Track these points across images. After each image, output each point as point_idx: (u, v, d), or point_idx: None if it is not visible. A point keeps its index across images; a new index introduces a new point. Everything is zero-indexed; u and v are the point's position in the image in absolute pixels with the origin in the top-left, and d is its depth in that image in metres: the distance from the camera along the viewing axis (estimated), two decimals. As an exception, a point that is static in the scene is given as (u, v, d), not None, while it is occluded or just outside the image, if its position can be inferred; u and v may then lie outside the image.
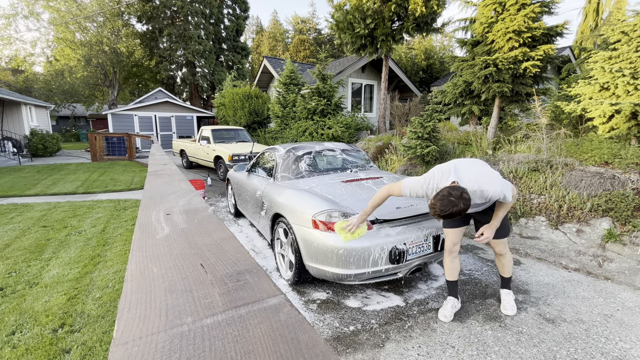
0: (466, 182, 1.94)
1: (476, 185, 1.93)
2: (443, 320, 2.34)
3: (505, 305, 2.44)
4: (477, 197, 1.98)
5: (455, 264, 2.41)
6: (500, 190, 1.93)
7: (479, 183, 1.93)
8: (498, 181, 1.95)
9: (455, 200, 1.74)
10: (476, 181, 1.94)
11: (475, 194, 1.95)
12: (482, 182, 1.94)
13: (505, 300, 2.48)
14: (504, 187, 1.95)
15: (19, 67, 21.47)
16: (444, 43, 23.85)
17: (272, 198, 3.23)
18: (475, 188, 1.93)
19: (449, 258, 2.41)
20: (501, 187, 1.94)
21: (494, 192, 1.93)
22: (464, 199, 1.74)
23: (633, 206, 3.51)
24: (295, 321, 0.53)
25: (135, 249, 0.86)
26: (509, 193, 1.97)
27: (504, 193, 1.95)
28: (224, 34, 24.08)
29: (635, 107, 3.90)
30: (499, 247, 2.39)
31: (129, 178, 8.37)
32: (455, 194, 1.75)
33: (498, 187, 1.93)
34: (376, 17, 8.31)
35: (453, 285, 2.45)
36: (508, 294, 2.51)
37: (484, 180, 1.94)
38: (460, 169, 2.01)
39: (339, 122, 9.22)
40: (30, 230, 4.25)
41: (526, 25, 5.10)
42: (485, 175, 1.98)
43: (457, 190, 1.76)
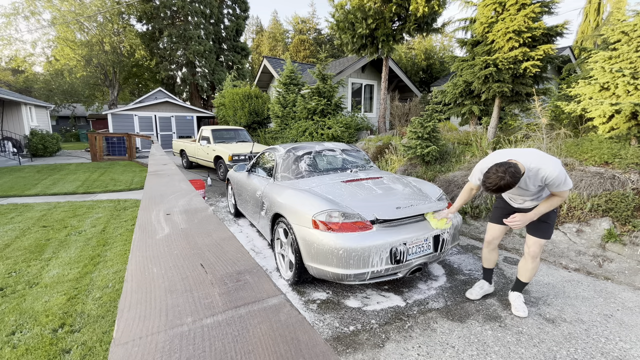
0: (524, 160, 1.95)
1: (534, 163, 1.93)
2: (468, 297, 2.57)
3: (518, 308, 2.42)
4: (534, 177, 1.96)
5: (492, 255, 2.55)
6: (558, 172, 1.90)
7: (538, 163, 1.93)
8: (558, 165, 1.94)
9: (501, 174, 1.80)
10: (534, 159, 1.94)
11: (532, 171, 1.94)
12: (541, 162, 1.93)
13: (516, 303, 2.45)
14: (564, 173, 1.93)
15: (19, 67, 21.48)
16: (444, 43, 23.85)
17: (272, 198, 3.23)
18: (533, 165, 1.93)
19: (486, 249, 2.57)
20: (560, 172, 1.91)
21: (552, 172, 1.91)
22: (509, 173, 1.79)
23: (633, 206, 3.51)
24: (295, 321, 0.53)
25: (135, 249, 0.86)
26: (568, 181, 1.95)
27: (562, 178, 1.92)
28: (224, 34, 24.07)
29: (635, 107, 3.89)
30: (533, 247, 2.31)
31: (129, 178, 8.37)
32: (501, 169, 1.82)
33: (557, 168, 1.91)
34: (377, 17, 8.31)
35: (488, 272, 2.63)
36: (518, 296, 2.48)
37: (543, 161, 1.93)
38: (521, 152, 2.04)
39: (339, 122, 9.22)
40: (30, 230, 4.25)
41: (526, 25, 5.10)
42: (544, 157, 1.97)
43: (503, 165, 1.83)
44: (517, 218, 2.11)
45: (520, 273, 2.43)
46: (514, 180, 1.81)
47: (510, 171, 1.81)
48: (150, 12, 20.98)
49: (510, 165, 1.83)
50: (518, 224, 2.09)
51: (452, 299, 2.64)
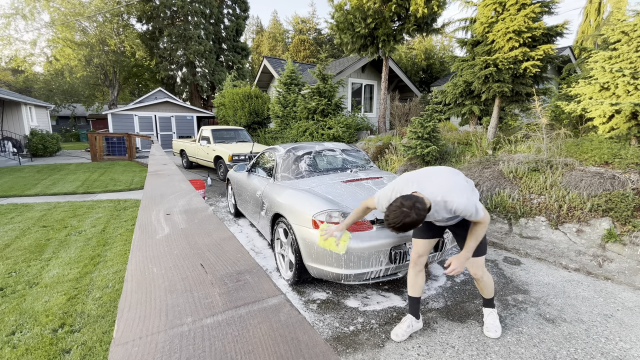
0: (429, 192, 1.76)
1: (439, 196, 1.74)
2: (394, 339, 2.14)
3: (488, 327, 2.19)
4: (442, 209, 1.79)
5: (419, 278, 2.16)
6: (465, 203, 1.71)
7: (443, 193, 1.75)
8: (465, 193, 1.75)
9: (407, 210, 1.60)
10: (440, 191, 1.75)
11: (439, 205, 1.76)
12: (446, 192, 1.75)
13: (488, 320, 2.22)
14: (472, 201, 1.74)
15: (19, 67, 21.47)
16: (444, 43, 23.84)
17: (272, 198, 3.23)
18: (439, 199, 1.74)
19: (412, 271, 2.17)
20: (467, 200, 1.72)
21: (458, 205, 1.72)
22: (416, 209, 1.60)
23: (633, 206, 3.51)
24: (295, 321, 0.53)
25: (135, 249, 0.86)
26: (480, 209, 1.76)
27: (474, 208, 1.73)
28: (224, 34, 24.07)
29: (635, 107, 3.90)
30: (473, 269, 2.11)
31: (129, 178, 8.37)
32: (407, 204, 1.61)
33: (463, 199, 1.72)
34: (377, 17, 8.31)
35: (414, 302, 2.20)
36: (491, 313, 2.24)
37: (448, 191, 1.75)
38: (425, 177, 1.85)
39: (340, 122, 9.22)
40: (30, 230, 4.25)
41: (526, 25, 5.10)
42: (451, 186, 1.78)
43: (410, 199, 1.63)
44: (453, 265, 1.86)
45: (480, 292, 2.25)
46: (419, 218, 1.61)
47: (417, 207, 1.60)
48: (150, 12, 20.98)
49: (417, 200, 1.62)
50: (457, 270, 1.84)
51: (452, 299, 2.64)
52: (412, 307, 2.22)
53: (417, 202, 1.61)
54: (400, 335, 2.15)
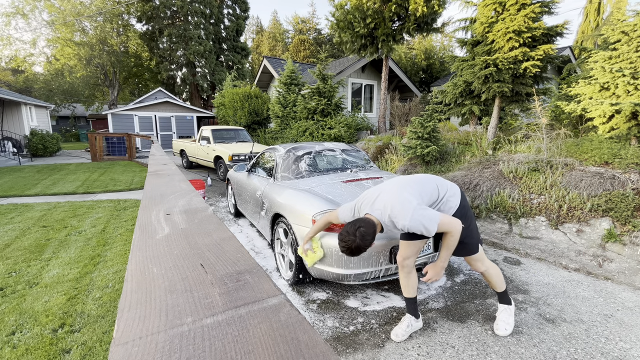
0: (377, 213, 1.76)
1: (385, 216, 1.74)
2: (394, 340, 2.13)
3: (498, 324, 2.16)
4: (393, 227, 1.78)
5: (410, 279, 2.12)
6: (409, 223, 1.67)
7: (388, 213, 1.73)
8: (410, 211, 1.69)
9: (352, 237, 1.60)
10: (385, 211, 1.74)
11: (388, 225, 1.76)
12: (392, 212, 1.72)
13: (501, 317, 2.20)
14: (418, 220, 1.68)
15: (19, 67, 21.48)
16: (444, 43, 23.84)
17: (272, 198, 3.23)
18: (385, 219, 1.74)
19: (402, 273, 2.13)
20: (411, 220, 1.67)
21: (403, 225, 1.69)
22: (360, 233, 1.60)
23: (633, 206, 3.51)
24: (295, 321, 0.53)
25: (135, 249, 0.86)
26: (430, 226, 1.68)
27: (421, 227, 1.68)
28: (224, 34, 24.08)
29: (635, 107, 3.89)
30: (474, 265, 2.11)
31: (129, 178, 8.37)
32: (351, 230, 1.62)
33: (407, 220, 1.68)
34: (376, 17, 8.32)
35: (411, 303, 2.19)
36: (505, 309, 2.21)
37: (394, 210, 1.72)
38: (380, 195, 1.82)
39: (340, 122, 9.22)
40: (30, 230, 4.25)
41: (526, 25, 5.10)
42: (396, 204, 1.73)
43: (353, 226, 1.64)
44: (430, 273, 1.88)
45: (491, 286, 2.21)
46: (364, 244, 1.61)
47: (361, 232, 1.60)
48: (150, 12, 20.99)
49: (361, 225, 1.62)
50: (434, 278, 1.86)
51: (452, 299, 2.64)
52: (409, 308, 2.21)
53: (361, 227, 1.62)
54: (400, 336, 2.14)
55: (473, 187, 4.79)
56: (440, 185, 1.98)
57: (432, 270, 1.88)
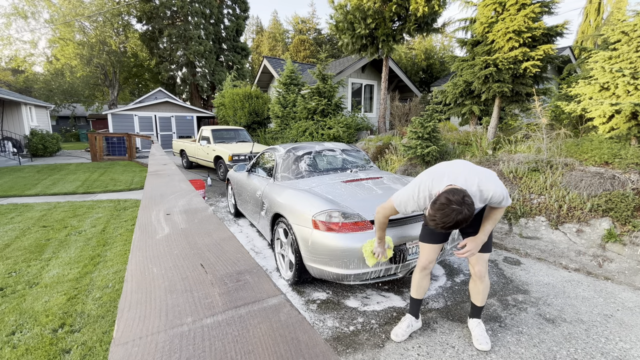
0: (462, 182, 1.66)
1: (475, 186, 1.67)
2: (394, 339, 2.12)
3: (479, 339, 2.08)
4: (478, 200, 1.71)
5: (425, 282, 2.12)
6: (500, 191, 1.69)
7: (478, 182, 1.67)
8: (496, 180, 1.73)
9: (457, 207, 1.46)
10: (474, 181, 1.67)
11: (475, 196, 1.68)
12: (480, 180, 1.67)
13: (475, 332, 2.12)
14: (503, 187, 1.73)
15: (19, 67, 21.48)
16: (444, 43, 23.85)
17: (272, 198, 3.23)
18: (474, 189, 1.66)
19: (420, 275, 2.11)
20: (501, 188, 1.71)
21: (494, 192, 1.67)
22: (467, 204, 1.47)
23: (633, 206, 3.51)
24: (295, 321, 0.53)
25: (135, 249, 0.86)
26: (508, 196, 1.75)
27: (505, 194, 1.72)
28: (224, 34, 24.08)
29: (635, 107, 3.89)
30: (479, 266, 2.02)
31: (129, 178, 8.37)
32: (456, 199, 1.47)
33: (499, 188, 1.69)
34: (377, 17, 8.32)
35: (416, 304, 2.18)
36: (478, 324, 2.15)
37: (482, 179, 1.68)
38: (453, 169, 1.75)
39: (339, 122, 9.22)
40: (30, 230, 4.25)
41: (526, 25, 5.10)
42: (482, 173, 1.72)
43: (457, 194, 1.49)
44: (468, 246, 1.81)
45: (474, 297, 2.13)
46: (471, 213, 1.49)
47: (467, 202, 1.48)
48: (150, 12, 20.99)
49: (465, 194, 1.51)
50: (472, 252, 1.80)
51: (452, 299, 2.64)
52: (413, 308, 2.22)
53: (466, 196, 1.49)
54: (400, 336, 2.14)
55: (473, 187, 4.78)
56: None
57: (471, 242, 1.82)
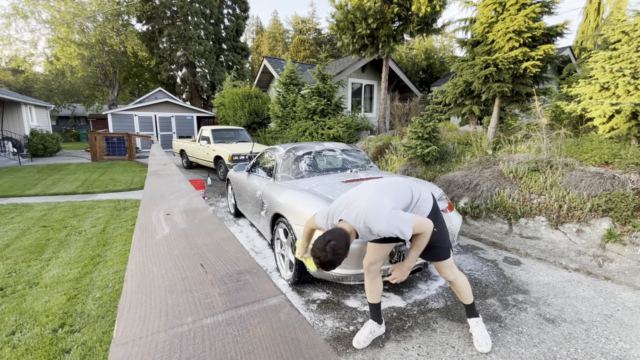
0: (352, 219, 1.65)
1: (361, 223, 1.63)
2: (355, 347, 2.07)
3: (478, 340, 2.04)
4: (368, 234, 1.68)
5: (375, 284, 2.08)
6: (385, 228, 1.60)
7: (364, 219, 1.63)
8: (385, 216, 1.62)
9: (321, 252, 1.49)
10: (362, 217, 1.64)
11: (363, 231, 1.65)
12: (367, 218, 1.63)
13: (475, 332, 2.09)
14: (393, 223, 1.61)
15: (19, 67, 21.48)
16: (444, 43, 23.85)
17: (272, 198, 3.23)
18: (361, 225, 1.64)
19: (367, 278, 2.07)
20: (387, 225, 1.60)
21: (379, 230, 1.61)
22: (331, 249, 1.47)
23: (633, 206, 3.51)
24: (295, 321, 0.53)
25: (135, 249, 0.86)
26: (405, 230, 1.62)
27: (397, 230, 1.61)
28: (224, 34, 24.08)
29: (635, 107, 3.89)
30: (442, 273, 2.02)
31: (129, 178, 8.37)
32: (321, 245, 1.50)
33: (383, 225, 1.60)
34: (378, 17, 8.32)
35: (375, 308, 2.14)
36: (477, 323, 2.11)
37: (368, 215, 1.63)
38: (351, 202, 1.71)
39: (339, 122, 9.22)
40: (30, 230, 4.25)
41: (526, 25, 5.10)
42: (371, 209, 1.64)
43: (323, 240, 1.51)
44: (395, 273, 1.83)
45: (459, 297, 2.13)
46: (336, 258, 1.48)
47: (331, 246, 1.48)
48: (150, 12, 20.99)
49: (332, 238, 1.50)
50: (399, 279, 1.82)
51: (452, 299, 2.64)
52: (373, 313, 2.16)
53: (332, 241, 1.50)
54: (362, 342, 2.08)
55: (473, 187, 4.78)
56: (413, 189, 1.92)
57: (398, 269, 1.84)
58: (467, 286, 2.09)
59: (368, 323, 2.17)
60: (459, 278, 2.05)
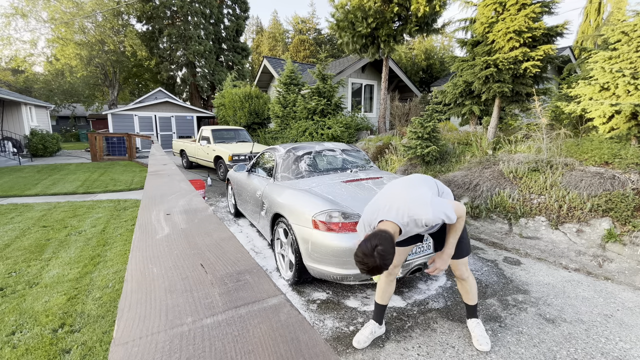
0: (394, 216, 1.61)
1: (406, 217, 1.60)
2: (356, 347, 2.07)
3: (479, 339, 2.07)
4: (414, 227, 1.65)
5: (390, 287, 2.10)
6: (432, 215, 1.59)
7: (408, 212, 1.60)
8: (429, 204, 1.62)
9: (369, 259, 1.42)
10: (404, 211, 1.61)
11: (409, 224, 1.62)
12: (410, 210, 1.61)
13: (475, 332, 2.11)
14: (438, 209, 1.62)
15: (19, 67, 21.48)
16: (444, 43, 23.86)
17: (272, 198, 3.23)
18: (406, 220, 1.60)
19: (385, 280, 2.08)
20: (433, 211, 1.60)
21: (427, 219, 1.58)
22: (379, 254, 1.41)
23: (633, 206, 3.51)
24: (295, 321, 0.53)
25: (135, 249, 0.86)
26: (450, 213, 1.63)
27: (443, 215, 1.62)
28: (224, 34, 24.09)
29: (635, 108, 3.89)
30: (459, 270, 2.04)
31: (129, 178, 8.37)
32: (368, 251, 1.43)
33: (430, 213, 1.58)
34: (378, 17, 8.32)
35: (380, 310, 2.15)
36: (477, 324, 2.14)
37: (411, 208, 1.61)
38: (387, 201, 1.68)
39: (339, 122, 9.22)
40: (30, 230, 4.25)
41: (527, 25, 5.09)
42: (413, 201, 1.63)
43: (369, 244, 1.44)
44: (437, 263, 1.82)
45: (464, 297, 2.14)
46: (385, 263, 1.42)
47: (379, 251, 1.41)
48: (150, 12, 20.99)
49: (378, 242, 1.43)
50: (440, 269, 1.81)
51: (452, 299, 2.64)
52: (376, 314, 2.17)
53: (379, 245, 1.43)
54: (362, 342, 2.08)
55: (473, 187, 4.78)
56: (436, 181, 1.96)
57: (439, 259, 1.81)
58: (475, 287, 2.12)
59: (369, 323, 2.18)
60: (470, 277, 2.08)
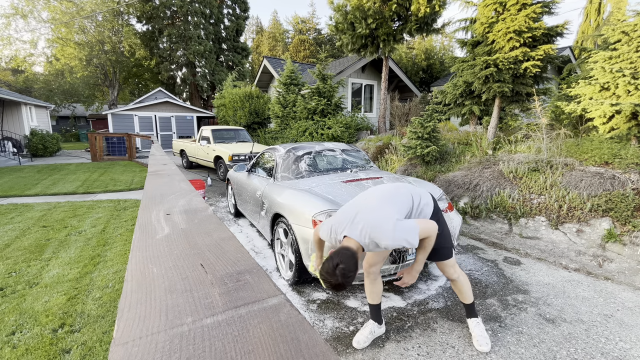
0: (358, 234, 1.58)
1: (367, 238, 1.58)
2: (355, 347, 2.06)
3: (479, 339, 2.05)
4: (375, 247, 1.62)
5: (375, 286, 2.08)
6: (392, 242, 1.55)
7: (370, 234, 1.58)
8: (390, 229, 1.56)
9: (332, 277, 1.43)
10: (367, 232, 1.58)
11: (370, 246, 1.60)
12: (372, 233, 1.57)
13: (475, 332, 2.09)
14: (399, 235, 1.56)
15: (19, 67, 21.48)
16: (444, 43, 23.86)
17: (272, 198, 3.23)
18: (367, 241, 1.59)
19: (367, 280, 2.08)
20: (393, 238, 1.55)
21: (386, 244, 1.56)
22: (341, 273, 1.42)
23: (633, 206, 3.51)
24: (295, 321, 0.53)
25: (135, 249, 0.86)
26: (412, 239, 1.57)
27: (404, 242, 1.56)
28: (224, 34, 24.08)
29: (635, 108, 3.89)
30: (446, 272, 2.03)
31: (129, 178, 8.37)
32: (330, 270, 1.44)
33: (389, 239, 1.55)
34: (377, 17, 8.32)
35: (375, 309, 2.15)
36: (477, 324, 2.12)
37: (373, 230, 1.57)
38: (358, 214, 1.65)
39: (339, 122, 9.22)
40: (30, 230, 4.25)
41: (527, 25, 5.09)
42: (375, 223, 1.59)
43: (331, 263, 1.45)
44: (405, 279, 1.84)
45: (459, 296, 2.14)
46: (347, 281, 1.43)
47: (341, 270, 1.42)
48: (149, 12, 20.98)
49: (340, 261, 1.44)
50: (410, 282, 1.83)
51: (452, 299, 2.64)
52: (372, 313, 2.17)
53: (340, 264, 1.44)
54: (362, 342, 2.08)
55: (473, 187, 4.78)
56: (414, 194, 1.89)
57: (407, 274, 1.86)
58: (468, 285, 2.10)
59: (368, 323, 2.18)
60: (460, 277, 2.06)
